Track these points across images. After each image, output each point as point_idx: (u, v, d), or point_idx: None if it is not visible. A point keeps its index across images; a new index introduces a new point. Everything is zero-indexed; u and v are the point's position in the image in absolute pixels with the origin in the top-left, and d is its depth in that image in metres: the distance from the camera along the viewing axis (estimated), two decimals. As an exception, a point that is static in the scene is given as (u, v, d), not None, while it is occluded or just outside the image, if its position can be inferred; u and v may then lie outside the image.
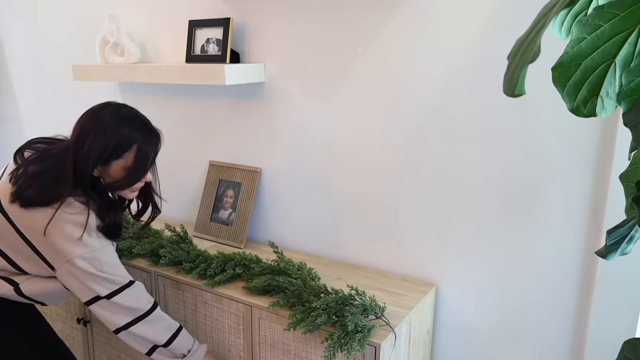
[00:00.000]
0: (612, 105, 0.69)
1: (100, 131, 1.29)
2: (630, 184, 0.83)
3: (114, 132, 1.29)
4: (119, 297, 1.31)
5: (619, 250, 0.85)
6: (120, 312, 1.32)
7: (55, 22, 2.40)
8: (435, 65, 1.46)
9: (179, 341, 1.40)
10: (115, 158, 1.30)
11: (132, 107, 1.37)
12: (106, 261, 1.31)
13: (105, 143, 1.28)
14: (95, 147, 1.28)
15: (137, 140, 1.31)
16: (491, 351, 1.55)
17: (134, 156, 1.31)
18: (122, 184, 1.34)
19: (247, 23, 1.78)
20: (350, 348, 1.23)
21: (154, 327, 1.36)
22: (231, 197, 1.91)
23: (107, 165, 1.31)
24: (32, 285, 1.35)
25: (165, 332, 1.38)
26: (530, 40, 0.64)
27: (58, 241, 1.25)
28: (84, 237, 1.27)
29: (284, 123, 1.79)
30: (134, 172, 1.34)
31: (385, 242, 1.67)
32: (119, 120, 1.31)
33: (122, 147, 1.30)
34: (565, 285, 1.39)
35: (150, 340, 1.36)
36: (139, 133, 1.32)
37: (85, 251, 1.27)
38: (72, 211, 1.27)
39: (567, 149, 1.32)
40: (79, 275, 1.28)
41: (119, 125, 1.30)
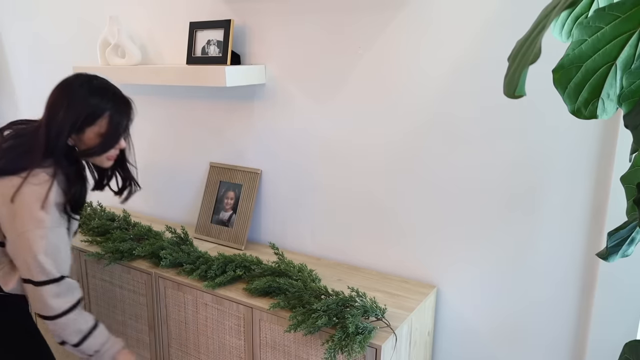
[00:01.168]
0: (613, 107, 0.69)
1: (72, 101, 1.34)
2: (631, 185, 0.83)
3: (86, 101, 1.34)
4: (45, 289, 1.31)
5: (620, 252, 0.85)
6: (40, 303, 1.33)
7: (56, 24, 2.40)
8: (435, 67, 1.46)
9: (89, 343, 1.39)
10: (89, 125, 1.35)
11: (103, 78, 1.42)
12: (53, 243, 1.31)
13: (77, 111, 1.33)
14: (68, 116, 1.33)
15: (108, 109, 1.36)
16: (492, 353, 1.54)
17: (107, 123, 1.36)
18: (96, 149, 1.38)
19: (248, 25, 1.78)
20: (351, 350, 1.23)
21: (63, 330, 1.36)
22: (232, 199, 1.92)
23: (82, 133, 1.35)
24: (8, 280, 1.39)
25: (75, 335, 1.37)
26: (531, 41, 0.64)
27: (19, 211, 1.28)
28: (40, 211, 1.29)
29: (284, 125, 1.79)
30: (107, 138, 1.38)
31: (386, 244, 1.67)
32: (91, 91, 1.36)
33: (95, 115, 1.35)
34: (566, 287, 1.39)
35: (60, 337, 1.37)
36: (110, 102, 1.37)
37: (38, 227, 1.28)
38: (36, 182, 1.30)
39: (568, 150, 1.32)
40: (25, 252, 1.29)
41: (91, 95, 1.35)
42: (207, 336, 1.61)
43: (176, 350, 1.71)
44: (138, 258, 1.77)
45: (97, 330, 1.41)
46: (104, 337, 1.42)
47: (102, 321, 1.89)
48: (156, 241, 1.77)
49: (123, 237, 1.83)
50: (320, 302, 1.34)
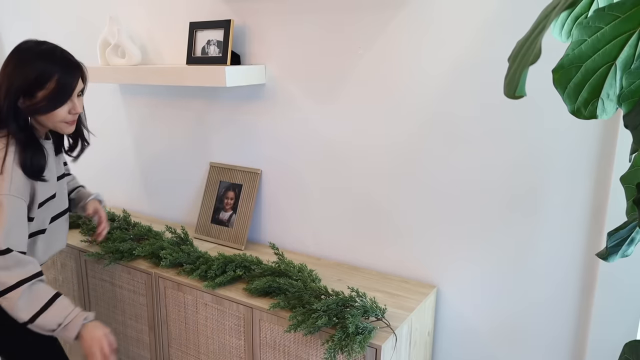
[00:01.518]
0: (612, 107, 0.69)
1: (20, 64, 1.34)
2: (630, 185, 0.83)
3: (34, 64, 1.34)
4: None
5: (620, 252, 0.85)
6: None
7: (56, 24, 2.40)
8: (436, 66, 1.46)
9: (45, 319, 1.31)
10: (38, 89, 1.34)
11: (52, 43, 1.42)
12: (7, 211, 1.28)
13: (25, 74, 1.33)
14: (16, 79, 1.33)
15: (56, 71, 1.35)
16: (492, 353, 1.54)
17: (55, 85, 1.35)
18: (41, 107, 1.36)
19: (248, 25, 1.78)
20: (350, 350, 1.23)
21: (12, 306, 1.28)
22: (232, 199, 1.92)
23: (32, 97, 1.34)
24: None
25: (23, 313, 1.29)
26: (531, 42, 0.64)
27: None
28: None
29: (284, 124, 1.79)
30: (54, 99, 1.37)
31: (386, 244, 1.67)
32: (38, 54, 1.36)
33: (42, 78, 1.34)
34: (566, 287, 1.39)
35: (11, 314, 1.30)
36: (58, 65, 1.36)
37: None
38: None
39: (568, 150, 1.32)
40: None
41: (38, 58, 1.35)
42: (207, 336, 1.61)
43: (176, 350, 1.71)
44: (138, 258, 1.77)
45: (53, 305, 1.32)
46: (63, 312, 1.33)
47: (103, 321, 1.89)
48: (156, 241, 1.77)
49: (123, 237, 1.83)
50: (320, 302, 1.34)
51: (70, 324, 1.33)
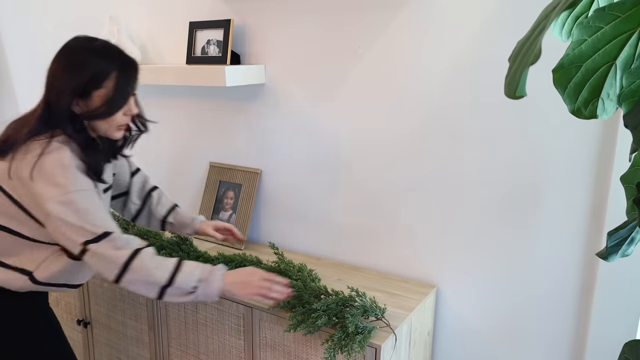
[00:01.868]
0: (612, 107, 0.69)
1: (73, 62, 1.24)
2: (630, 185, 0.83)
3: (89, 62, 1.24)
4: (95, 249, 1.20)
5: (620, 251, 0.85)
6: (104, 263, 1.21)
7: (57, 23, 2.40)
8: (436, 66, 1.46)
9: (182, 276, 1.24)
10: (95, 88, 1.24)
11: (104, 39, 1.31)
12: (81, 206, 1.20)
13: (80, 73, 1.23)
14: (70, 78, 1.23)
15: (114, 68, 1.25)
16: (492, 352, 1.55)
17: (114, 84, 1.25)
18: (105, 111, 1.26)
19: (248, 24, 1.78)
20: (350, 349, 1.23)
21: (143, 272, 1.22)
22: (232, 199, 1.92)
23: (88, 97, 1.24)
24: (45, 270, 1.30)
25: (160, 273, 1.23)
26: (531, 42, 0.64)
27: (35, 185, 1.18)
28: (59, 176, 1.18)
29: (284, 124, 1.79)
30: (116, 100, 1.26)
31: (385, 244, 1.67)
32: (92, 51, 1.26)
33: (100, 76, 1.24)
34: (566, 287, 1.39)
35: (149, 283, 1.23)
36: (115, 61, 1.26)
37: (60, 193, 1.18)
38: (40, 151, 1.20)
39: (568, 150, 1.32)
40: (59, 225, 1.19)
41: (93, 55, 1.25)
42: (206, 336, 1.61)
43: (176, 349, 1.71)
44: (138, 258, 1.77)
45: (184, 264, 1.26)
46: (197, 267, 1.27)
47: (102, 322, 1.89)
48: (156, 241, 1.77)
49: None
50: (320, 302, 1.34)
51: (210, 277, 1.26)
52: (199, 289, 1.25)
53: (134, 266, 1.22)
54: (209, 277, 1.27)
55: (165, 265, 1.25)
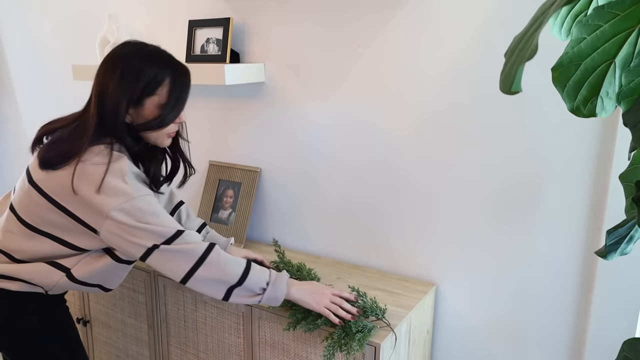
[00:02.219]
0: (612, 106, 0.69)
1: (126, 70, 1.19)
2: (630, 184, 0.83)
3: (143, 68, 1.19)
4: (168, 247, 1.18)
5: (619, 250, 0.85)
6: (175, 260, 1.19)
7: (56, 21, 2.39)
8: (434, 65, 1.46)
9: (253, 276, 1.23)
10: (148, 95, 1.20)
11: (154, 45, 1.28)
12: (148, 210, 1.17)
13: (134, 80, 1.18)
14: (124, 87, 1.18)
15: (168, 75, 1.21)
16: (491, 351, 1.55)
17: (168, 91, 1.22)
18: (157, 122, 1.22)
19: (247, 23, 1.78)
20: (350, 348, 1.23)
21: (218, 268, 1.21)
22: (231, 197, 1.92)
23: (140, 106, 1.21)
24: (83, 268, 1.27)
25: (233, 271, 1.22)
26: (528, 37, 0.64)
27: (90, 195, 1.15)
28: (118, 183, 1.15)
29: (284, 123, 1.79)
30: (170, 108, 1.23)
31: (385, 242, 1.67)
32: (145, 57, 1.22)
33: (154, 83, 1.19)
34: (565, 285, 1.39)
35: (220, 281, 1.21)
36: (169, 68, 1.22)
37: (122, 201, 1.15)
38: (99, 160, 1.17)
39: (567, 148, 1.33)
40: (121, 231, 1.16)
41: (147, 61, 1.21)
42: (206, 334, 1.61)
43: (175, 348, 1.71)
44: (137, 256, 1.77)
45: (253, 266, 1.25)
46: (264, 271, 1.26)
47: (102, 320, 1.89)
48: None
49: None
50: None
51: (277, 281, 1.25)
52: (267, 291, 1.25)
53: (209, 260, 1.20)
54: (277, 281, 1.26)
55: (238, 263, 1.23)
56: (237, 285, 1.22)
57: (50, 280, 1.28)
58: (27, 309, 1.31)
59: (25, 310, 1.31)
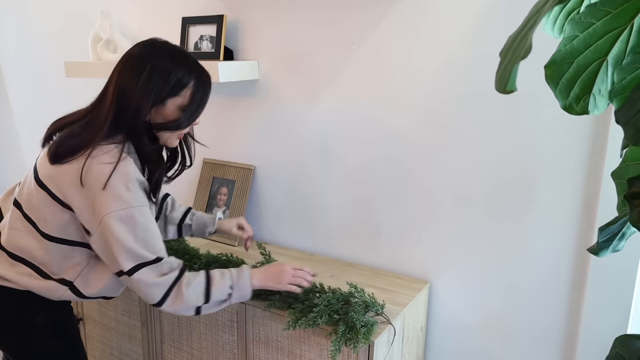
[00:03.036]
0: (604, 103, 0.70)
1: (156, 70, 1.19)
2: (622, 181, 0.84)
3: (171, 68, 1.19)
4: (139, 275, 1.18)
5: (611, 247, 0.85)
6: (145, 289, 1.20)
7: (48, 18, 2.38)
8: (428, 62, 1.46)
9: (215, 290, 1.25)
10: (172, 96, 1.20)
11: (178, 45, 1.28)
12: (140, 222, 1.17)
13: (163, 81, 1.18)
14: (151, 87, 1.18)
15: (194, 78, 1.22)
16: (484, 347, 1.55)
17: (191, 94, 1.22)
18: (179, 123, 1.23)
19: (241, 20, 1.78)
20: (356, 342, 1.23)
21: (183, 299, 1.22)
22: (225, 195, 1.91)
23: (162, 106, 1.21)
24: (86, 281, 1.27)
25: (197, 295, 1.24)
26: (522, 37, 0.64)
27: (94, 191, 1.14)
28: (122, 189, 1.15)
29: (278, 120, 1.78)
30: (191, 111, 1.24)
31: (378, 240, 1.67)
32: (174, 57, 1.22)
33: (180, 85, 1.20)
34: (558, 282, 1.40)
35: (188, 306, 1.23)
36: (195, 70, 1.23)
37: (120, 207, 1.14)
38: (109, 159, 1.16)
39: (559, 146, 1.33)
40: (110, 240, 1.16)
41: (175, 62, 1.21)
42: (200, 332, 1.61)
43: (169, 346, 1.70)
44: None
45: (212, 278, 1.26)
46: (224, 276, 1.27)
47: (95, 318, 1.88)
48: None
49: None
50: (321, 298, 1.34)
51: (240, 281, 1.27)
52: (232, 295, 1.27)
53: (173, 294, 1.22)
54: (239, 281, 1.28)
55: (199, 285, 1.25)
56: (204, 303, 1.25)
57: (54, 294, 1.28)
58: (33, 308, 1.31)
59: (31, 310, 1.31)
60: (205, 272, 1.27)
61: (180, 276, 1.23)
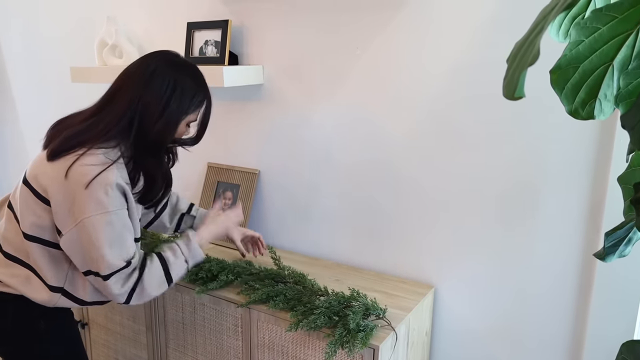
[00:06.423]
0: (610, 108, 0.69)
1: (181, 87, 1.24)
2: (628, 186, 0.83)
3: (194, 87, 1.26)
4: (111, 281, 1.19)
5: (617, 252, 0.85)
6: (109, 294, 1.22)
7: (54, 23, 2.39)
8: (434, 67, 1.46)
9: (174, 268, 1.29)
10: (189, 114, 1.27)
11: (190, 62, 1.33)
12: (118, 229, 1.19)
13: (188, 99, 1.25)
14: (176, 104, 1.23)
15: (206, 98, 1.30)
16: (490, 353, 1.55)
17: (204, 112, 1.31)
18: (191, 140, 1.34)
19: (246, 25, 1.78)
20: (352, 346, 1.22)
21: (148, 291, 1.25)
22: (230, 199, 1.91)
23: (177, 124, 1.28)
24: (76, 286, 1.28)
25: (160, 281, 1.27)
26: (530, 43, 0.64)
27: (77, 189, 1.15)
28: (100, 193, 1.15)
29: (282, 125, 1.79)
30: (203, 128, 1.33)
31: (383, 244, 1.67)
32: (194, 74, 1.28)
33: (201, 104, 1.29)
34: (564, 287, 1.39)
35: (153, 295, 1.26)
36: (207, 90, 1.31)
37: (99, 212, 1.15)
38: (95, 161, 1.17)
39: (565, 151, 1.33)
40: (86, 244, 1.17)
41: (196, 79, 1.28)
42: (204, 337, 1.61)
43: (174, 351, 1.70)
44: (135, 258, 1.77)
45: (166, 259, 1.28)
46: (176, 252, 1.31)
47: (100, 323, 1.89)
48: (153, 241, 1.76)
49: None
50: (322, 299, 1.34)
51: (191, 251, 1.34)
52: (189, 263, 1.34)
53: (137, 292, 1.24)
54: (190, 252, 1.34)
55: (158, 275, 1.27)
56: (168, 286, 1.30)
57: (50, 301, 1.28)
58: (34, 313, 1.30)
59: (33, 315, 1.30)
60: (159, 258, 1.29)
61: (141, 275, 1.24)
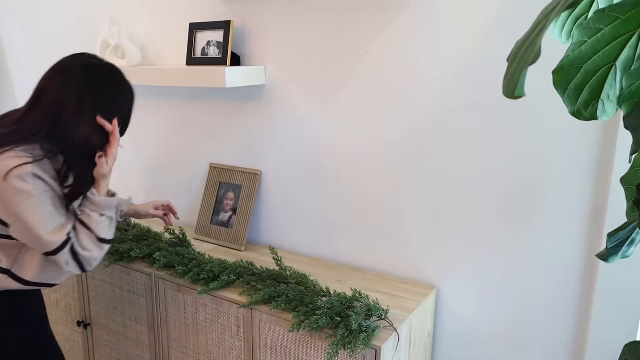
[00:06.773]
0: (613, 109, 0.69)
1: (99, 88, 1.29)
2: (631, 187, 0.83)
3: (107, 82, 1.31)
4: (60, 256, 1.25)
5: (620, 253, 0.85)
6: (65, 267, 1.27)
7: (57, 24, 2.40)
8: (436, 68, 1.46)
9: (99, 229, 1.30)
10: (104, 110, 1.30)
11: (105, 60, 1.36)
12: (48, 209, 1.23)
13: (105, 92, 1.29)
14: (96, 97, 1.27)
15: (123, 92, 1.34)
16: (492, 354, 1.54)
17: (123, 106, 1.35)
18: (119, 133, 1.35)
19: (248, 26, 1.78)
20: (354, 346, 1.22)
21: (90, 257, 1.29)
22: (232, 200, 1.91)
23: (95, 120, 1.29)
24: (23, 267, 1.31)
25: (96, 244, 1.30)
26: (531, 42, 0.64)
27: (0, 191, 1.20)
28: (21, 183, 1.19)
29: (284, 125, 1.79)
30: (124, 122, 1.36)
31: (386, 245, 1.67)
32: (109, 70, 1.32)
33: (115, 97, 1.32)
34: (566, 288, 1.39)
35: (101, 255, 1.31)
36: (129, 86, 1.36)
37: (25, 198, 1.20)
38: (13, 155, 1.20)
39: (568, 151, 1.33)
40: (27, 232, 1.22)
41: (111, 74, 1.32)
42: (207, 337, 1.61)
43: (176, 351, 1.71)
44: (136, 259, 1.77)
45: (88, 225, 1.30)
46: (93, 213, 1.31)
47: (102, 323, 1.89)
48: (155, 242, 1.77)
49: (122, 238, 1.83)
50: (324, 300, 1.34)
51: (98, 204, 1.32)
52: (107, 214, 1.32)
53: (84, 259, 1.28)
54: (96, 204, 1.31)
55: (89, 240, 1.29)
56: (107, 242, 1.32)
57: None
58: None
59: None
60: (80, 224, 1.30)
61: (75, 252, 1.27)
